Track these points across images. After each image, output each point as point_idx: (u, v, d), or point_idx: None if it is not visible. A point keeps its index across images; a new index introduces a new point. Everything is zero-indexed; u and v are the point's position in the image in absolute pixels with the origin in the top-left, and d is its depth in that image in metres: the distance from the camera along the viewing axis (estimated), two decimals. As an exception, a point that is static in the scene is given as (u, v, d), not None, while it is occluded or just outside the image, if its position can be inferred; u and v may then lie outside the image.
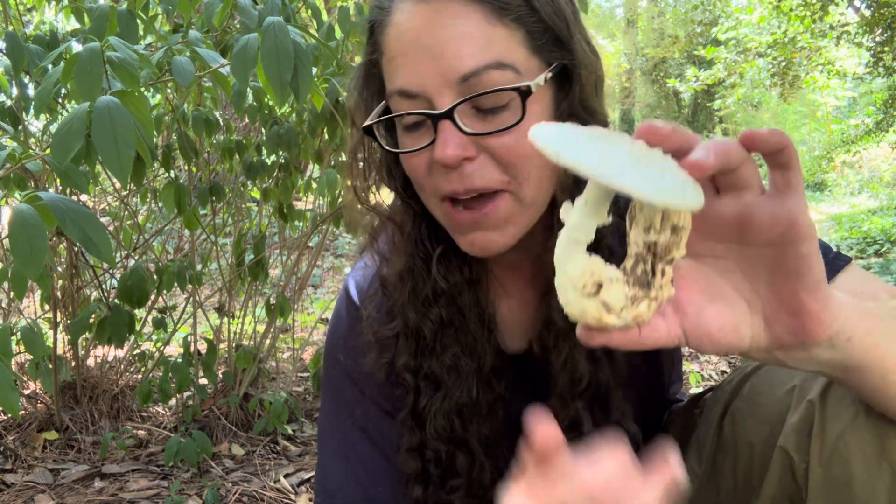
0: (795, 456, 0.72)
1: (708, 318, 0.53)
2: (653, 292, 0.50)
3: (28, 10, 2.68)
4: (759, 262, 0.52)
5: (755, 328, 0.54)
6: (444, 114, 0.71)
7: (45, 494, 1.88)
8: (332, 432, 0.98)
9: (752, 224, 0.51)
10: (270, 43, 1.16)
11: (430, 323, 0.87)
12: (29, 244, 0.94)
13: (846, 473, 0.67)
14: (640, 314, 0.50)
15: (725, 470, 0.84)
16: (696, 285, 0.54)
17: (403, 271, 0.87)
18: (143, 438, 2.23)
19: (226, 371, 2.36)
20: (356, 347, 0.94)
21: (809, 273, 0.50)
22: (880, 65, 6.59)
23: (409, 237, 0.87)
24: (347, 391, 0.96)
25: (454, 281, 0.86)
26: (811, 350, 0.53)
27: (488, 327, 0.89)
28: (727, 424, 0.85)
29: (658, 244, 0.50)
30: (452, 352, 0.87)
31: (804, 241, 0.49)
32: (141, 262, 2.14)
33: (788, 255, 0.50)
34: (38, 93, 1.23)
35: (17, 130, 1.83)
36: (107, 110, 1.03)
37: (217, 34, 1.76)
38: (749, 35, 8.29)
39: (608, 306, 0.49)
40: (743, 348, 0.54)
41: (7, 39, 1.46)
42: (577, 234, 0.49)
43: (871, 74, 6.97)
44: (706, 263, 0.54)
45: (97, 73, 1.11)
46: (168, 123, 2.11)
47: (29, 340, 1.64)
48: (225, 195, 2.27)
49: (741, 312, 0.54)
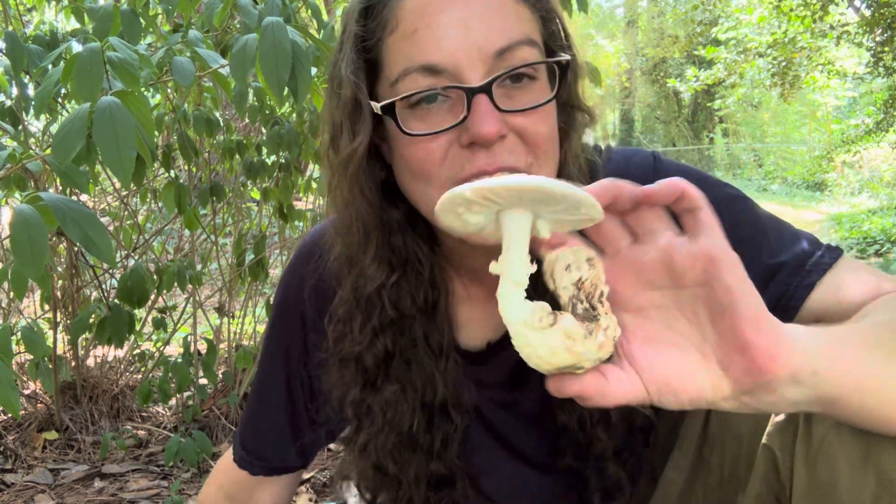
0: (780, 455, 0.72)
1: (663, 367, 0.54)
2: (602, 321, 0.52)
3: (28, 10, 2.68)
4: (696, 303, 0.53)
5: (713, 375, 0.53)
6: (483, 87, 0.68)
7: (45, 494, 1.88)
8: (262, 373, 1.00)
9: (675, 266, 0.52)
10: (268, 43, 1.15)
11: (372, 356, 0.84)
12: (30, 244, 0.94)
13: (831, 476, 0.67)
14: (602, 343, 0.51)
15: (712, 463, 0.84)
16: (644, 337, 0.55)
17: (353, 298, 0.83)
18: (143, 438, 2.23)
19: (226, 371, 2.36)
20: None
21: (743, 303, 0.50)
22: (880, 65, 6.58)
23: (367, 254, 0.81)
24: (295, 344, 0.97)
25: (404, 310, 0.82)
26: (777, 390, 0.52)
27: (445, 355, 0.86)
28: (713, 418, 0.85)
29: (584, 279, 0.53)
30: (394, 387, 0.84)
31: (727, 272, 0.50)
32: (141, 262, 2.14)
33: (716, 289, 0.51)
34: (38, 93, 1.23)
35: (17, 130, 1.83)
36: (108, 111, 1.03)
37: (217, 34, 1.76)
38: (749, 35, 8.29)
39: (570, 335, 0.50)
40: (707, 397, 0.53)
41: (7, 39, 1.46)
42: (512, 276, 0.52)
43: (871, 74, 6.97)
44: (649, 316, 0.55)
45: (98, 73, 1.11)
46: (168, 123, 2.11)
47: (29, 340, 1.64)
48: (225, 195, 2.26)
49: (695, 359, 0.53)
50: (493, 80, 0.68)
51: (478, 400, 0.92)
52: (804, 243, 0.80)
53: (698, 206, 0.51)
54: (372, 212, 0.79)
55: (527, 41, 0.70)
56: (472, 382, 0.91)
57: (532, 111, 0.71)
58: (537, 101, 0.71)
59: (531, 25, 0.73)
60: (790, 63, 7.66)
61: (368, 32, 0.75)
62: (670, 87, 11.37)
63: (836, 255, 0.79)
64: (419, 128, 0.71)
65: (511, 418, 0.93)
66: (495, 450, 0.95)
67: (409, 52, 0.70)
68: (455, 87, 0.68)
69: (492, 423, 0.94)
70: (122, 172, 1.03)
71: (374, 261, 0.81)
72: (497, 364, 0.91)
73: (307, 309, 0.94)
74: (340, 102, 0.77)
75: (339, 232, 0.83)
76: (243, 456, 1.01)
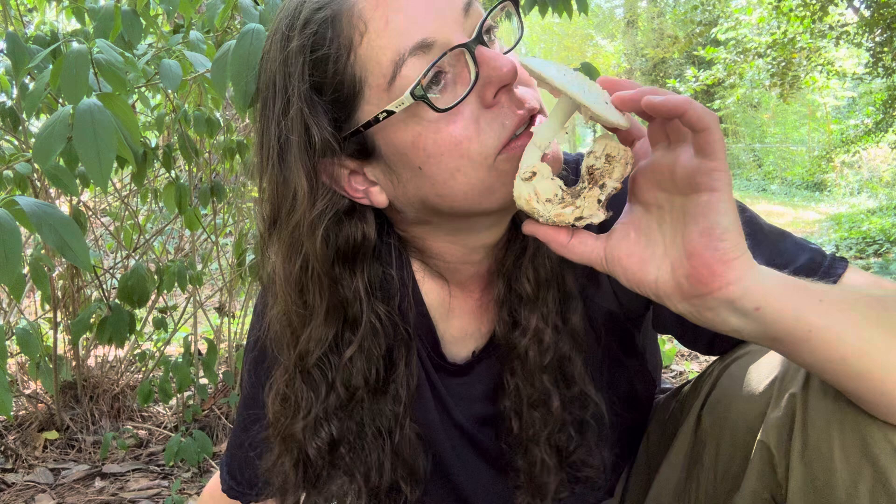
0: (776, 452, 0.72)
1: (623, 247, 0.63)
2: (578, 202, 0.64)
3: (29, 11, 2.68)
4: (680, 210, 0.59)
5: (661, 269, 0.61)
6: (476, 38, 0.67)
7: (45, 494, 1.88)
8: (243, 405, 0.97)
9: (675, 174, 0.59)
10: (244, 49, 1.06)
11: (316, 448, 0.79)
12: (3, 250, 0.90)
13: (827, 472, 0.67)
14: (563, 214, 0.64)
15: (705, 461, 0.84)
16: (634, 224, 0.64)
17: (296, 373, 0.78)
18: (144, 438, 2.23)
19: (226, 371, 2.36)
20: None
21: (704, 217, 0.56)
22: (880, 65, 6.59)
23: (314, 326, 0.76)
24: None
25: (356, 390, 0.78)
26: (714, 309, 0.58)
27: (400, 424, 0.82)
28: (706, 416, 0.85)
29: (595, 168, 0.65)
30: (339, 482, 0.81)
31: (707, 192, 0.56)
32: (141, 262, 2.14)
33: (692, 201, 0.57)
34: (29, 94, 1.22)
35: (17, 131, 1.83)
36: (89, 113, 1.00)
37: (218, 35, 1.76)
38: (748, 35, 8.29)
39: (536, 193, 0.64)
40: (648, 284, 0.61)
41: (8, 40, 1.46)
42: (537, 139, 0.65)
43: (871, 75, 6.97)
44: (651, 212, 0.63)
45: (83, 74, 1.08)
46: (169, 123, 2.11)
47: (24, 341, 1.63)
48: (226, 195, 2.27)
49: (653, 252, 0.62)
50: (481, 30, 0.68)
51: (461, 419, 0.91)
52: (811, 254, 0.80)
53: (702, 127, 0.55)
54: (320, 284, 0.75)
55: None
56: (455, 398, 0.91)
57: (512, 51, 0.74)
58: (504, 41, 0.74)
59: None
60: (789, 63, 7.66)
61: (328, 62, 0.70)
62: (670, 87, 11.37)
63: (845, 264, 0.80)
64: (444, 104, 0.67)
65: (494, 434, 0.91)
66: (481, 469, 0.94)
67: (392, 43, 0.67)
68: (457, 48, 0.67)
69: (476, 441, 0.93)
70: (101, 176, 1.00)
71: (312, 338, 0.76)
72: (481, 373, 0.91)
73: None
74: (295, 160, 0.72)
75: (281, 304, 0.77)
76: (233, 486, 0.97)
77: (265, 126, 0.75)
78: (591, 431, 0.87)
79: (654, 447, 0.99)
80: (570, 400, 0.85)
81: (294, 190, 0.73)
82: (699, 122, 0.55)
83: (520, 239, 0.82)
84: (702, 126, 0.55)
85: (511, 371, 0.85)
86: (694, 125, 0.55)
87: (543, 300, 0.82)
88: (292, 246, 0.75)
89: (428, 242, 0.83)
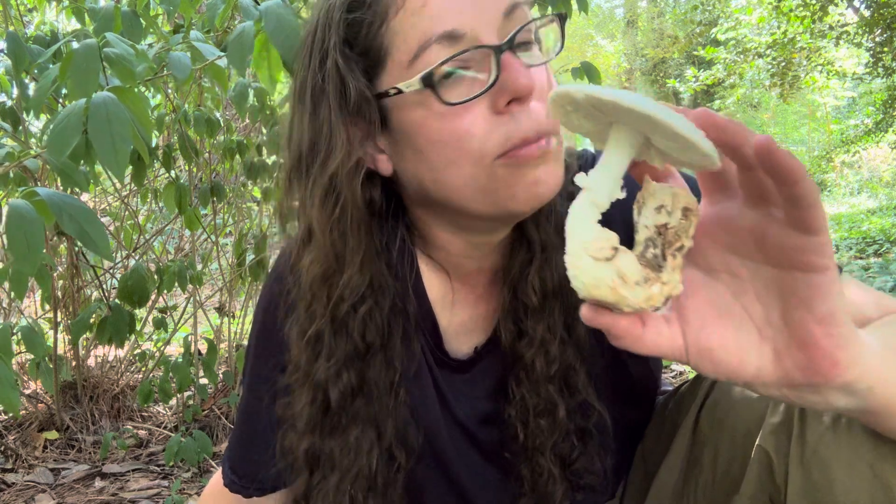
0: (775, 457, 0.72)
1: (710, 333, 0.50)
2: (664, 275, 0.48)
3: (29, 11, 2.68)
4: (772, 285, 0.49)
5: (763, 358, 0.49)
6: (508, 44, 0.67)
7: (45, 494, 1.88)
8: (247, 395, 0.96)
9: (766, 243, 0.48)
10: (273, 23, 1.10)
11: (338, 392, 0.80)
12: (26, 240, 0.92)
13: (826, 478, 0.66)
14: (653, 296, 0.47)
15: (703, 463, 0.84)
16: (706, 298, 0.51)
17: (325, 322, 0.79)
18: (144, 438, 2.23)
19: (226, 371, 2.36)
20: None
21: (821, 302, 0.46)
22: (879, 65, 6.59)
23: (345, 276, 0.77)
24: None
25: (371, 341, 0.80)
26: (824, 394, 0.49)
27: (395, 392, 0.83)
28: (704, 418, 0.85)
29: (669, 227, 0.49)
30: (356, 431, 0.81)
31: (817, 273, 0.46)
32: (141, 262, 2.14)
33: (798, 281, 0.47)
34: (35, 91, 1.23)
35: (17, 130, 1.83)
36: (103, 106, 1.01)
37: (218, 35, 1.76)
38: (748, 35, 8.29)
39: (623, 276, 0.46)
40: (747, 376, 0.50)
41: (8, 40, 1.46)
42: (594, 196, 0.47)
43: (871, 75, 6.97)
44: (720, 280, 0.51)
45: (94, 69, 1.09)
46: (169, 123, 2.11)
47: (29, 340, 1.64)
48: (226, 195, 2.27)
49: (748, 336, 0.50)
50: (514, 36, 0.67)
51: (462, 416, 0.91)
52: None
53: (810, 202, 0.44)
54: (358, 232, 0.76)
55: (525, 1, 0.70)
56: (456, 394, 0.90)
57: (541, 67, 0.71)
58: (540, 56, 0.71)
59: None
60: (789, 63, 7.67)
61: (362, 25, 0.72)
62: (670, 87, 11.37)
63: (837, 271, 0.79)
64: (452, 97, 0.67)
65: (495, 433, 0.91)
66: (484, 468, 0.94)
67: (423, 25, 0.68)
68: (483, 47, 0.67)
69: (478, 440, 0.93)
70: (118, 168, 1.01)
71: (349, 285, 0.77)
72: (483, 370, 0.90)
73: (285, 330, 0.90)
74: (329, 110, 0.74)
75: (317, 250, 0.79)
76: (234, 480, 0.97)
77: (303, 72, 0.76)
78: (594, 440, 0.88)
79: (651, 448, 0.99)
80: (574, 409, 0.85)
81: (331, 139, 0.74)
82: (808, 197, 0.43)
83: (525, 242, 0.82)
84: (810, 201, 0.43)
85: (517, 380, 0.85)
86: (803, 199, 0.43)
87: (550, 311, 0.82)
88: (329, 193, 0.75)
89: (433, 231, 0.83)
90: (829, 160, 11.54)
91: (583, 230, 0.47)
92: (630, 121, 0.46)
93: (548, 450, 0.85)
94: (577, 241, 0.47)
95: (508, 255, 0.86)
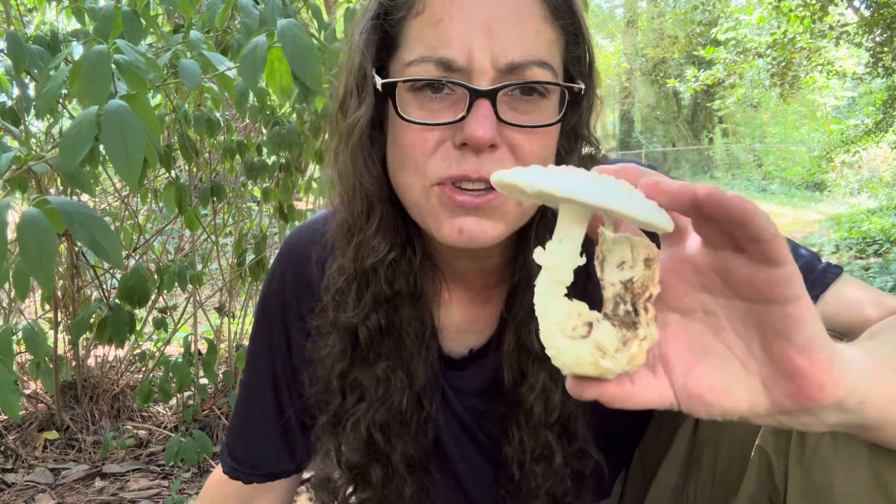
0: (774, 458, 0.72)
1: (697, 377, 0.49)
2: (641, 331, 0.48)
3: (29, 11, 2.68)
4: (748, 319, 0.48)
5: (752, 392, 0.49)
6: (489, 92, 0.69)
7: (45, 494, 1.88)
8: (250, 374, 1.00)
9: (733, 279, 0.48)
10: (290, 44, 1.17)
11: (366, 329, 0.84)
12: (38, 248, 0.94)
13: (826, 479, 0.67)
14: (634, 355, 0.47)
15: (704, 465, 0.84)
16: (685, 342, 0.51)
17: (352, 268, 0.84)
18: (144, 438, 2.23)
19: (226, 371, 2.37)
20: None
21: (798, 332, 0.46)
22: (880, 65, 6.59)
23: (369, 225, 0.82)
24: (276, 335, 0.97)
25: (399, 289, 0.83)
26: (818, 414, 0.49)
27: (426, 344, 0.86)
28: (704, 420, 0.85)
29: (634, 280, 0.48)
30: (386, 363, 0.85)
31: (791, 302, 0.45)
32: (141, 262, 2.14)
33: (772, 313, 0.46)
34: (42, 94, 1.23)
35: (18, 131, 1.83)
36: (116, 114, 1.03)
37: (218, 34, 1.76)
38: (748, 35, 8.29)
39: (602, 348, 0.46)
40: (741, 412, 0.50)
41: (8, 40, 1.46)
42: (557, 275, 0.47)
43: (871, 74, 6.97)
44: (696, 319, 0.51)
45: (105, 75, 1.11)
46: (169, 124, 2.11)
47: (30, 341, 1.64)
48: (226, 195, 2.27)
49: (734, 373, 0.49)
50: (500, 88, 0.69)
51: (459, 409, 0.92)
52: (806, 257, 0.80)
53: (767, 237, 0.43)
54: (375, 184, 0.80)
55: (539, 63, 0.71)
56: (452, 389, 0.92)
57: (531, 129, 0.71)
58: (539, 120, 0.72)
59: (552, 48, 0.73)
60: (789, 63, 7.67)
61: (393, 8, 0.75)
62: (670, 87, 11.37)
63: (838, 271, 0.79)
64: (418, 115, 0.72)
65: (486, 426, 0.93)
66: (479, 461, 0.95)
67: (429, 40, 0.70)
68: (461, 85, 0.69)
69: (473, 433, 0.94)
70: (130, 175, 1.03)
71: (376, 234, 0.81)
72: (477, 370, 0.91)
73: (288, 300, 0.94)
74: (352, 70, 0.79)
75: (343, 201, 0.83)
76: (234, 467, 0.99)
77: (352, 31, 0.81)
78: (588, 485, 0.90)
79: (650, 449, 0.99)
80: (571, 455, 0.87)
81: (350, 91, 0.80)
82: (764, 233, 0.43)
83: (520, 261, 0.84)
84: (768, 235, 0.43)
85: (516, 424, 0.86)
86: (761, 234, 0.43)
87: None
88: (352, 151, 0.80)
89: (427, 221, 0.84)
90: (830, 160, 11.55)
91: (553, 311, 0.47)
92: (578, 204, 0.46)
93: (542, 493, 0.87)
94: (551, 323, 0.47)
95: (502, 257, 0.86)
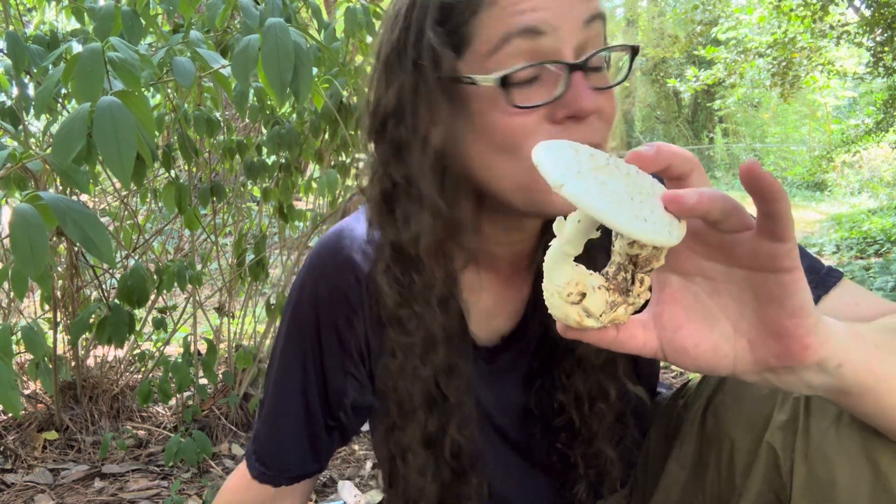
0: (781, 454, 0.73)
1: (685, 335, 0.54)
2: (630, 298, 0.53)
3: (28, 11, 2.68)
4: (745, 285, 0.53)
5: (739, 349, 0.54)
6: (581, 64, 0.71)
7: (45, 494, 1.88)
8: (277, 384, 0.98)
9: (734, 252, 0.52)
10: (271, 44, 1.16)
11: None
12: (30, 244, 0.94)
13: (829, 473, 0.67)
14: (617, 317, 0.53)
15: (710, 462, 0.84)
16: (682, 302, 0.55)
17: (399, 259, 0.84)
18: (143, 438, 2.23)
19: (226, 371, 2.36)
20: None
21: (790, 298, 0.50)
22: (880, 65, 6.59)
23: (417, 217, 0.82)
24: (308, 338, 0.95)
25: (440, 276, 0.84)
26: (800, 373, 0.53)
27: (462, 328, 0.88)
28: (710, 417, 0.85)
29: (640, 257, 0.53)
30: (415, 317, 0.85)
31: (787, 272, 0.50)
32: (141, 262, 2.14)
33: (769, 281, 0.51)
34: (38, 93, 1.23)
35: (17, 130, 1.82)
36: (108, 111, 1.02)
37: (217, 34, 1.76)
38: (749, 35, 8.29)
39: (588, 312, 0.53)
40: (726, 367, 0.54)
41: (8, 39, 1.46)
42: (567, 247, 0.52)
43: (871, 74, 6.97)
44: (695, 283, 0.55)
45: (98, 73, 1.11)
46: (169, 123, 2.11)
47: (30, 340, 1.64)
48: (225, 195, 2.27)
49: (723, 333, 0.54)
50: (589, 58, 0.72)
51: (488, 405, 0.93)
52: (811, 259, 0.82)
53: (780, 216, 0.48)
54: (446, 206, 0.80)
55: (601, 15, 0.74)
56: (483, 384, 0.92)
57: (608, 90, 0.75)
58: (608, 81, 0.75)
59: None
60: (790, 63, 7.66)
61: (453, 11, 0.75)
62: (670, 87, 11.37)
63: (839, 275, 0.81)
64: (519, 100, 0.72)
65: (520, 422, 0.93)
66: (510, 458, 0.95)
67: (509, 19, 0.71)
68: (558, 63, 0.71)
69: (504, 430, 0.94)
70: (123, 173, 1.03)
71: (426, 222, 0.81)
72: (509, 361, 0.92)
73: (322, 310, 0.93)
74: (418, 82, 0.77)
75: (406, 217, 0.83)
76: (263, 471, 0.99)
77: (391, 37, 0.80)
78: (632, 424, 0.94)
79: (657, 447, 0.99)
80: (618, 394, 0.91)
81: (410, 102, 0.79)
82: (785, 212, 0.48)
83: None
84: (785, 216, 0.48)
85: (567, 371, 0.89)
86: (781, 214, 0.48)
87: None
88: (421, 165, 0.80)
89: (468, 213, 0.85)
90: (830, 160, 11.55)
91: (557, 274, 0.53)
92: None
93: (604, 432, 0.91)
94: (551, 283, 0.53)
95: (535, 241, 0.88)
